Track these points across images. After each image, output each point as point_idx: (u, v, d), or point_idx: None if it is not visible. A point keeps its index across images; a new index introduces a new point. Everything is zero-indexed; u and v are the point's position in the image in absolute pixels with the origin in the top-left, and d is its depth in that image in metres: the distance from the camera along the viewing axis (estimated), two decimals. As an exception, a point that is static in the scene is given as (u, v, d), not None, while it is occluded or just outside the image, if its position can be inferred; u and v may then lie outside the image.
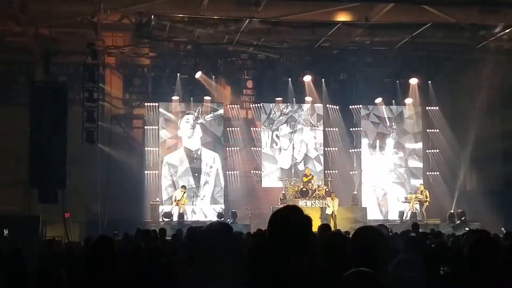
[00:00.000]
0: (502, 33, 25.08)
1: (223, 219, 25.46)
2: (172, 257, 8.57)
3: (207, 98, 28.48)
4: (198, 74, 27.66)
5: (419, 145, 30.40)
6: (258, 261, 4.68)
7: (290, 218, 3.56)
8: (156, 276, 6.16)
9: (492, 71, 26.05)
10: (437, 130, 29.86)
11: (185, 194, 26.59)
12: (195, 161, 28.80)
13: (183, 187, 26.97)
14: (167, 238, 15.20)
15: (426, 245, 10.66)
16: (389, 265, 4.43)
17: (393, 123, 30.17)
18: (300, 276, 3.39)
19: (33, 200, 23.83)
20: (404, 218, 27.18)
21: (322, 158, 30.05)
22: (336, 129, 29.85)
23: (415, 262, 6.64)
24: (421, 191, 27.84)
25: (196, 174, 28.61)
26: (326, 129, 30.10)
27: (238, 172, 28.85)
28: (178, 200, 26.32)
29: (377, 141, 30.17)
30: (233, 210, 26.52)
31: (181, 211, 26.17)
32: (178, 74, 27.85)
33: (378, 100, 29.61)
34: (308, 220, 3.60)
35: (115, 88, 26.70)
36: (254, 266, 4.70)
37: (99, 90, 25.27)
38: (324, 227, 10.22)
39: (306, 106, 29.81)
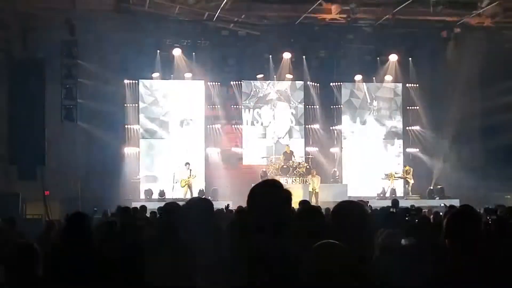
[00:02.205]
0: (482, 10, 25.09)
1: (204, 196, 25.47)
2: (152, 234, 8.56)
3: (187, 75, 28.35)
4: (178, 51, 27.55)
5: (399, 122, 30.51)
6: (238, 236, 4.67)
7: (269, 193, 3.53)
8: (131, 253, 6.13)
9: (472, 48, 26.12)
10: (417, 107, 30.01)
11: (192, 171, 26.61)
12: (177, 138, 28.75)
13: (187, 164, 26.98)
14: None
15: (405, 221, 10.77)
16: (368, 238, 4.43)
17: (374, 100, 30.23)
18: (280, 250, 3.37)
19: (13, 178, 23.67)
20: (384, 194, 27.31)
21: (303, 136, 30.10)
22: (317, 106, 29.89)
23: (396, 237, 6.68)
24: (406, 170, 28.06)
25: (179, 152, 28.60)
26: (307, 106, 30.12)
27: (219, 149, 28.82)
28: (188, 178, 26.27)
29: (358, 118, 30.27)
30: (214, 188, 26.52)
31: (188, 190, 26.20)
32: (158, 51, 27.69)
33: (359, 77, 29.65)
34: (287, 195, 3.57)
35: (95, 64, 26.41)
36: (234, 241, 4.69)
37: (78, 67, 25.03)
38: (304, 203, 10.26)
39: (287, 83, 29.80)
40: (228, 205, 18.94)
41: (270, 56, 28.82)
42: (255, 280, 3.21)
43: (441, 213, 13.12)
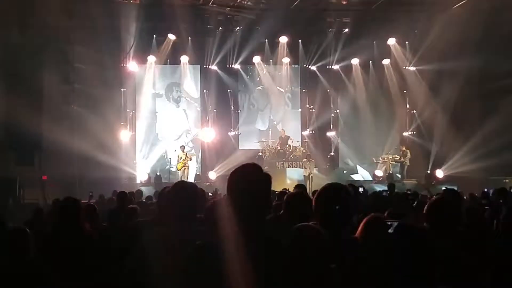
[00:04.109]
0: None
1: (200, 180, 25.61)
2: (146, 217, 8.63)
3: (184, 60, 28.33)
4: (174, 36, 27.55)
5: (396, 105, 30.42)
6: (217, 219, 4.74)
7: (248, 177, 3.60)
8: (123, 236, 6.21)
9: (469, 31, 26.03)
10: (414, 90, 29.94)
11: (187, 153, 26.73)
12: (174, 122, 28.83)
13: (182, 147, 27.06)
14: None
15: (401, 205, 10.83)
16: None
17: (370, 84, 30.15)
18: (257, 233, 3.44)
19: (10, 163, 23.68)
20: (383, 179, 27.28)
21: (299, 120, 30.13)
22: (314, 90, 29.88)
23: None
24: (403, 151, 28.02)
25: (176, 137, 28.70)
26: (303, 90, 30.14)
27: (215, 133, 28.87)
28: (183, 161, 26.34)
29: (355, 101, 30.16)
30: (209, 172, 26.59)
31: (185, 173, 26.30)
32: (154, 35, 27.71)
33: (355, 61, 29.60)
34: (267, 178, 3.64)
35: (91, 49, 26.35)
36: (213, 224, 4.76)
37: (75, 52, 25.02)
38: (299, 187, 10.31)
39: (283, 67, 29.78)
40: (216, 189, 19.05)
41: (266, 40, 28.81)
42: (235, 263, 3.28)
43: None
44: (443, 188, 21.66)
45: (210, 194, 13.09)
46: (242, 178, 3.58)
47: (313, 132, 29.81)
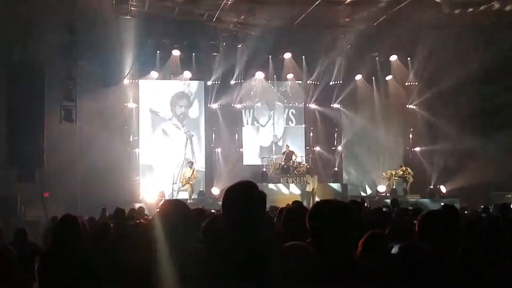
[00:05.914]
0: (481, 8, 25.03)
1: (203, 197, 25.57)
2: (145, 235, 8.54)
3: (187, 75, 28.30)
4: (178, 52, 27.57)
5: (399, 120, 30.42)
6: (212, 237, 4.69)
7: (243, 194, 3.56)
8: (119, 254, 6.13)
9: (470, 47, 26.07)
10: (417, 106, 29.94)
11: (195, 171, 26.52)
12: (177, 138, 28.79)
13: (190, 163, 26.92)
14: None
15: (402, 222, 10.74)
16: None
17: (374, 99, 30.13)
18: (251, 250, 3.37)
19: (12, 180, 23.62)
20: (384, 194, 27.21)
21: (303, 135, 30.12)
22: (317, 106, 29.92)
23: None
24: (401, 168, 27.92)
25: (179, 153, 28.64)
26: (307, 106, 30.13)
27: (219, 149, 28.85)
28: (189, 178, 26.17)
29: (358, 117, 30.15)
30: (212, 188, 26.55)
31: (190, 189, 26.13)
32: (158, 51, 27.71)
33: (358, 77, 29.62)
34: (262, 196, 3.59)
35: (94, 65, 26.36)
36: (208, 241, 4.70)
37: (78, 68, 25.04)
38: (295, 203, 10.23)
39: (286, 83, 29.85)
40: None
41: (270, 56, 28.84)
42: (227, 281, 3.23)
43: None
44: (442, 204, 21.76)
45: (212, 211, 12.92)
46: (237, 196, 3.53)
47: (317, 147, 29.79)
